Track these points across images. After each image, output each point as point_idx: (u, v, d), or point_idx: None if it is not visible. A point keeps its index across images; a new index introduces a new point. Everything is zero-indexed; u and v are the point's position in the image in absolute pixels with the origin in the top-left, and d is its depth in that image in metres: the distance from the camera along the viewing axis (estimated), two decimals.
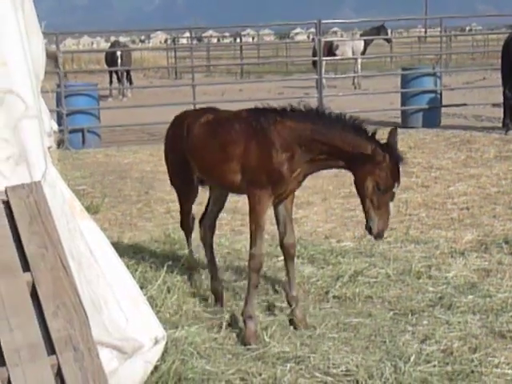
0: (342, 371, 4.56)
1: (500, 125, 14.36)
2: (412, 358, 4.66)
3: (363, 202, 5.04)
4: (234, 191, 5.61)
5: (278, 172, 5.02)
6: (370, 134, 4.99)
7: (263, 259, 5.30)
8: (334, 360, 4.70)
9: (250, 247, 5.18)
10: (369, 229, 5.05)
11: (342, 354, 4.80)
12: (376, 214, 4.97)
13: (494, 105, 16.49)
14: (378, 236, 5.08)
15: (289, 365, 4.67)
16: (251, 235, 5.17)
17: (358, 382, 4.42)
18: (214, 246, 7.16)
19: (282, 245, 5.40)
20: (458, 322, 5.26)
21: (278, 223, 5.41)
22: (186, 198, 6.01)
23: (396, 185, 5.00)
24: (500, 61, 14.45)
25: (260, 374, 4.58)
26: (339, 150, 4.98)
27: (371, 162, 4.88)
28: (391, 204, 5.07)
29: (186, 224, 6.17)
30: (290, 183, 5.14)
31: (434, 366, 4.60)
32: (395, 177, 4.96)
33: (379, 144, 4.92)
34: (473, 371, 4.52)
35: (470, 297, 5.71)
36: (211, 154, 5.38)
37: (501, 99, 14.55)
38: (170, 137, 5.96)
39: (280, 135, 5.03)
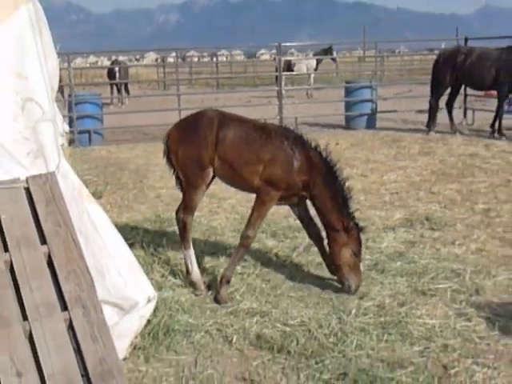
0: (297, 322, 4.59)
1: (422, 127, 14.46)
2: (353, 312, 4.72)
3: (339, 268, 5.08)
4: (245, 189, 5.30)
5: (292, 185, 5.01)
6: (350, 210, 5.09)
7: None
8: (292, 314, 4.74)
9: (247, 230, 5.06)
10: (348, 288, 5.09)
11: (297, 309, 4.83)
12: (353, 275, 5.06)
13: (418, 111, 16.59)
14: (356, 291, 5.11)
15: (255, 318, 4.69)
16: (251, 221, 5.06)
17: (310, 330, 4.45)
18: (194, 225, 7.12)
19: (310, 234, 5.45)
20: (389, 283, 5.32)
21: (302, 222, 5.46)
22: (199, 192, 5.26)
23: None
24: (426, 76, 14.55)
25: (232, 326, 4.60)
26: (323, 208, 5.06)
27: (346, 235, 5.01)
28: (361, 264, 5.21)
29: (190, 219, 5.38)
30: (297, 196, 5.16)
31: (370, 317, 4.65)
32: (361, 243, 5.11)
33: (353, 220, 5.04)
34: (400, 321, 4.57)
35: (399, 263, 5.77)
36: (242, 154, 5.04)
37: (423, 107, 14.65)
38: (193, 131, 5.15)
39: (303, 161, 4.99)
